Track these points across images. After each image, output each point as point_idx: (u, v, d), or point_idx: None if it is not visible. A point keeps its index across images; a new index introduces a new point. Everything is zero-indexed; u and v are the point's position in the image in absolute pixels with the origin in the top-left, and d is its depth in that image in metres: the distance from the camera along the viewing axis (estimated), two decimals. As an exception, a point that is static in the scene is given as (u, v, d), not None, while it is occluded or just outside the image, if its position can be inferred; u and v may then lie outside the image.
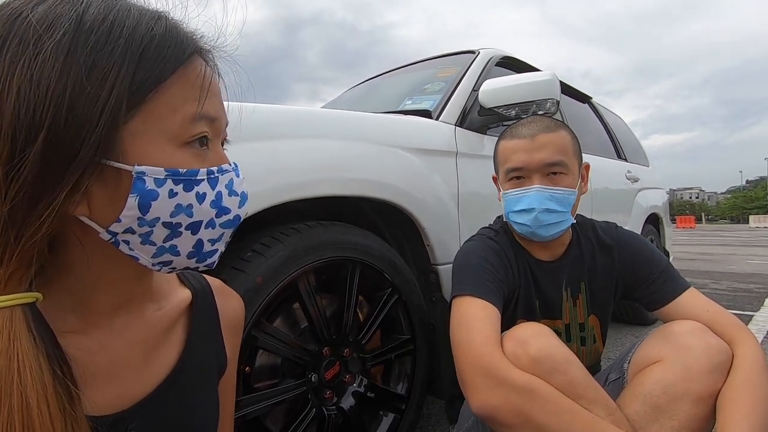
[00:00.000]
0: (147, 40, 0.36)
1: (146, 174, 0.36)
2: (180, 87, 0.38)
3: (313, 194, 0.97)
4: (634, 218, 2.65)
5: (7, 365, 0.32)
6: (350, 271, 1.05)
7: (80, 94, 0.33)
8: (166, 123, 0.37)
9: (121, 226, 0.37)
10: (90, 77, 0.33)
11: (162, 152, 0.37)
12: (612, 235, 1.01)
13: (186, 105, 0.39)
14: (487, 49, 1.85)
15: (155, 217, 0.38)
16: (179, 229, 0.39)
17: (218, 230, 0.42)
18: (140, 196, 0.36)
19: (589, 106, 2.83)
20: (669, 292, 0.90)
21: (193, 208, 0.39)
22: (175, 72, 0.38)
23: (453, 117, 1.48)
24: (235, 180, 0.43)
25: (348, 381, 1.06)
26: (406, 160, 1.23)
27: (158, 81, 0.37)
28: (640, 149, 3.33)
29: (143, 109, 0.36)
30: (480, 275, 0.88)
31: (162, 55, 0.37)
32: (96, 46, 0.34)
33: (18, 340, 0.33)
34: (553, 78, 1.41)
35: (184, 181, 0.38)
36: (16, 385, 0.32)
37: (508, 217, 0.96)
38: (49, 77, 0.32)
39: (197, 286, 0.56)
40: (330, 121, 1.14)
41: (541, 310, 0.97)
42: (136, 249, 0.39)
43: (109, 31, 0.35)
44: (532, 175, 0.92)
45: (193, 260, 0.42)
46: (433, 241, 1.25)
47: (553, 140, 0.91)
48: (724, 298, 3.52)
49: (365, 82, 2.41)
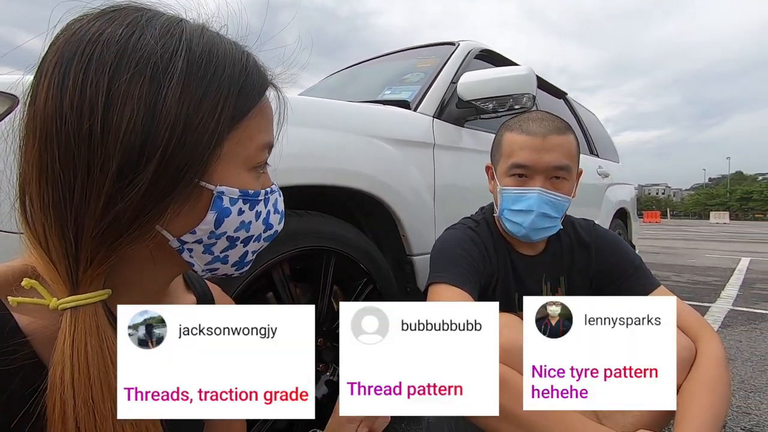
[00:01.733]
0: (245, 74, 0.40)
1: (225, 194, 0.40)
2: (258, 117, 0.42)
3: (286, 183, 0.95)
4: (603, 212, 2.73)
5: (102, 357, 0.35)
6: (325, 261, 1.05)
7: (192, 122, 0.36)
8: (245, 149, 0.41)
9: (193, 237, 0.40)
10: (201, 107, 0.36)
11: (237, 174, 0.41)
12: (590, 233, 1.03)
13: (260, 134, 0.42)
14: (466, 41, 1.86)
15: (224, 231, 0.41)
16: (236, 242, 0.43)
17: (261, 243, 0.47)
18: (218, 213, 0.40)
19: (564, 102, 2.88)
20: (641, 289, 0.93)
21: (251, 225, 0.43)
22: (258, 104, 0.42)
23: (431, 108, 1.48)
24: (278, 200, 0.48)
25: (322, 370, 1.07)
26: (383, 151, 1.22)
27: (247, 111, 0.40)
28: (611, 145, 3.43)
29: (233, 136, 0.39)
30: (457, 263, 0.89)
31: (251, 89, 0.41)
32: (206, 77, 0.37)
33: (105, 332, 0.36)
34: (530, 73, 1.43)
35: (251, 201, 0.42)
36: (113, 373, 0.35)
37: (502, 214, 0.95)
38: (168, 103, 0.34)
39: (200, 292, 0.57)
40: (305, 108, 1.12)
41: (520, 304, 0.99)
42: (195, 257, 0.42)
43: (215, 63, 0.38)
44: (535, 176, 0.90)
45: (234, 268, 0.46)
46: (409, 231, 1.25)
47: (563, 143, 0.90)
48: (684, 290, 3.70)
49: (345, 69, 2.38)
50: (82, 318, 0.35)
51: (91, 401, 0.34)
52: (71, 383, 0.33)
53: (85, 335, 0.34)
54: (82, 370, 0.34)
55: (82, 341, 0.34)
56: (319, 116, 1.12)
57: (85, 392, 0.33)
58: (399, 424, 1.39)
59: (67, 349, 0.33)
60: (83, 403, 0.33)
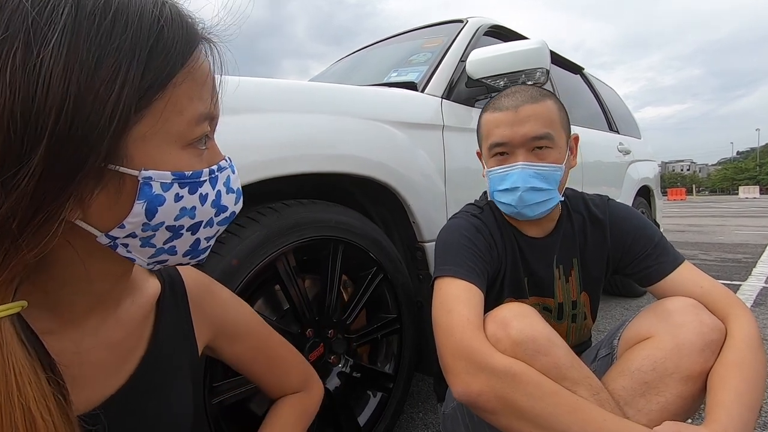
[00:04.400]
0: (155, 32, 0.32)
1: (153, 179, 0.34)
2: (187, 84, 0.35)
3: (291, 171, 0.92)
4: (625, 191, 2.63)
5: (5, 381, 0.30)
6: (332, 251, 1.02)
7: (86, 96, 0.29)
8: (173, 125, 0.35)
9: (123, 232, 0.35)
10: (96, 76, 0.29)
11: (167, 155, 0.35)
12: (604, 209, 0.97)
13: (192, 104, 0.36)
14: (475, 18, 1.78)
15: (160, 221, 0.36)
16: (181, 231, 0.38)
17: (215, 228, 0.41)
18: (147, 201, 0.34)
19: (581, 77, 2.77)
20: (662, 267, 0.86)
21: (196, 210, 0.38)
22: (183, 67, 0.34)
23: (439, 89, 1.43)
24: (231, 177, 0.42)
25: (333, 362, 1.05)
26: (391, 135, 1.18)
27: (168, 78, 0.33)
28: (632, 121, 3.29)
29: (151, 111, 0.33)
30: (462, 255, 0.84)
31: (171, 49, 0.33)
32: (100, 39, 0.30)
33: (12, 353, 0.30)
34: (542, 46, 1.35)
35: (190, 183, 0.36)
36: (17, 399, 0.30)
37: (493, 196, 0.92)
38: (50, 75, 0.28)
39: (165, 276, 0.54)
40: (310, 94, 1.08)
41: (531, 289, 0.94)
42: (134, 251, 0.37)
43: (113, 21, 0.30)
44: (516, 151, 0.86)
45: (187, 257, 0.41)
46: (420, 218, 1.21)
47: (539, 112, 0.85)
48: (712, 268, 3.56)
49: (351, 54, 2.33)
50: None
51: None
52: None
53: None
54: None
55: None
56: (322, 101, 1.08)
57: None
58: (417, 413, 1.37)
59: None
60: None
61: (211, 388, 0.80)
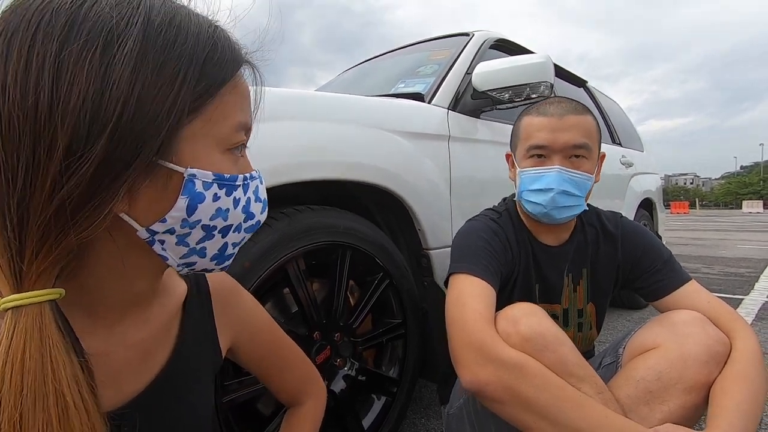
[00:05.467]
0: (210, 46, 0.37)
1: (197, 177, 0.37)
2: (233, 95, 0.39)
3: (302, 178, 0.96)
4: (627, 203, 2.65)
5: (41, 363, 0.31)
6: (340, 256, 1.04)
7: (149, 94, 0.33)
8: (218, 128, 0.38)
9: (163, 226, 0.37)
10: (159, 77, 0.33)
11: (210, 156, 0.38)
12: (616, 224, 1.00)
13: (236, 113, 0.40)
14: (481, 31, 1.82)
15: (197, 219, 0.38)
16: (213, 232, 0.40)
17: (242, 234, 0.43)
18: (190, 197, 0.37)
19: (584, 91, 2.80)
20: (670, 283, 0.89)
21: (229, 213, 0.40)
22: (231, 80, 0.39)
23: (446, 100, 1.46)
24: (259, 187, 0.45)
25: (339, 365, 1.07)
26: (398, 144, 1.21)
27: (219, 87, 0.38)
28: (634, 134, 3.32)
29: (202, 113, 0.37)
30: (478, 254, 0.87)
31: (222, 62, 0.38)
32: (165, 46, 0.34)
33: (49, 337, 0.32)
34: (547, 61, 1.39)
35: (227, 186, 0.39)
36: (51, 383, 0.32)
37: (521, 196, 0.94)
38: (121, 73, 0.32)
39: (192, 277, 0.55)
40: (320, 103, 1.12)
41: (540, 295, 0.97)
42: (168, 249, 0.39)
43: (176, 33, 0.35)
44: (553, 156, 0.90)
45: (213, 262, 0.43)
46: (425, 225, 1.24)
47: (581, 123, 0.90)
48: (715, 282, 3.57)
49: (359, 65, 2.38)
50: (24, 320, 0.31)
51: (18, 418, 0.30)
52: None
53: (23, 340, 0.31)
54: (15, 381, 0.30)
55: (20, 346, 0.31)
56: (331, 111, 1.11)
57: (12, 408, 0.30)
58: (419, 419, 1.39)
59: (1, 354, 0.30)
60: (8, 421, 0.30)
61: (222, 386, 0.82)
